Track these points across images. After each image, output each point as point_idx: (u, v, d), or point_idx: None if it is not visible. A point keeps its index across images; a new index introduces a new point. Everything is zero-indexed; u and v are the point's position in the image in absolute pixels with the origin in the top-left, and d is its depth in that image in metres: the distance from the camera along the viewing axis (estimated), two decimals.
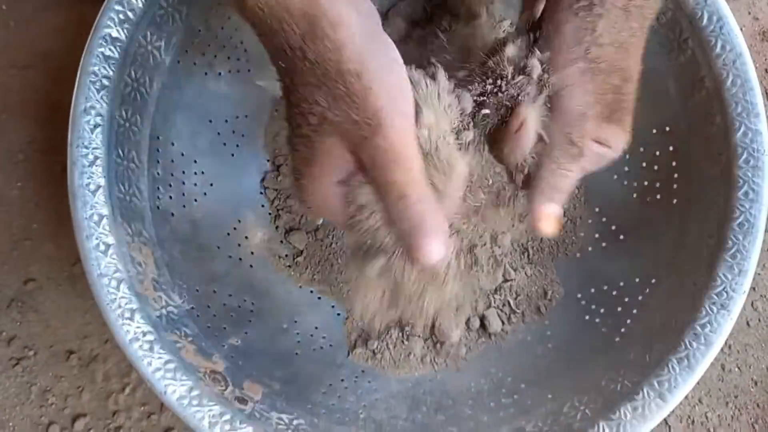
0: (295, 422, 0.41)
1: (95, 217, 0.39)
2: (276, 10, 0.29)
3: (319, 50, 0.29)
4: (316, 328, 0.49)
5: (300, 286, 0.51)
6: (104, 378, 0.51)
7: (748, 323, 0.54)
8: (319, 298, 0.51)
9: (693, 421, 0.52)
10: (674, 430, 0.52)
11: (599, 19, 0.32)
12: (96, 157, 0.40)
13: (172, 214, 0.45)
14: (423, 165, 0.30)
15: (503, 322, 0.49)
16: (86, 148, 0.40)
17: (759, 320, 0.54)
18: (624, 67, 0.33)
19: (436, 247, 0.30)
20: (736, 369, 0.53)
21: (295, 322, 0.49)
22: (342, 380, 0.46)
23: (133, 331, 0.38)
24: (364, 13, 0.30)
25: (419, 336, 0.48)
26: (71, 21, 0.56)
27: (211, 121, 0.49)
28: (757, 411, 0.53)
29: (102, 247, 0.39)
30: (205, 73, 0.47)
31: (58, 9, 0.56)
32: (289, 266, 0.50)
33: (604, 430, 0.39)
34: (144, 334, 0.39)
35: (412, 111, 0.31)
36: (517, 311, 0.50)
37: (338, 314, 0.50)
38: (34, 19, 0.56)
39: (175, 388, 0.38)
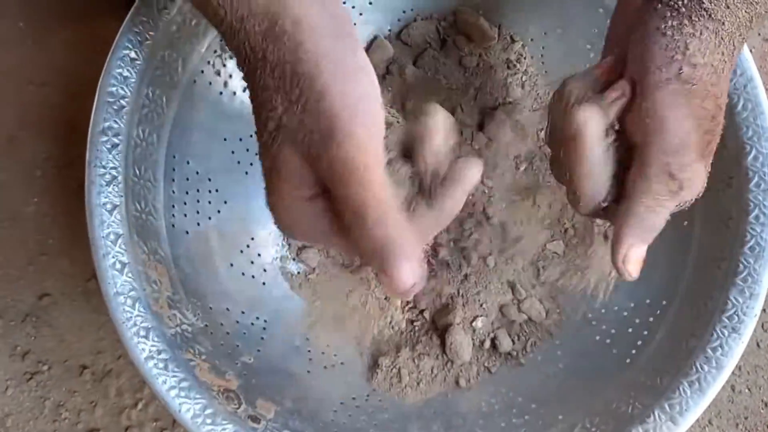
0: None
1: (112, 236, 0.40)
2: (237, 6, 0.28)
3: (278, 50, 0.27)
4: (328, 345, 0.49)
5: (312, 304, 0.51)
6: (117, 393, 0.51)
7: (758, 344, 0.54)
8: None
9: None
10: None
11: (691, 38, 0.29)
12: (113, 177, 0.41)
13: (187, 233, 0.46)
14: (388, 180, 0.28)
15: (513, 342, 0.49)
16: (104, 167, 0.41)
17: None
18: (717, 94, 0.30)
19: (404, 274, 0.27)
20: (747, 390, 0.53)
21: (307, 339, 0.49)
22: (353, 398, 0.47)
23: (148, 349, 0.39)
24: (335, 15, 0.28)
25: (430, 355, 0.49)
26: (87, 37, 0.57)
27: (225, 140, 0.49)
28: None
29: (118, 266, 0.40)
30: (220, 93, 0.48)
31: (73, 25, 0.57)
32: (301, 284, 0.51)
33: None
34: (159, 352, 0.39)
35: (376, 122, 0.27)
36: (527, 331, 0.50)
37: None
38: (50, 35, 0.57)
39: (189, 407, 0.38)
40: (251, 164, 0.51)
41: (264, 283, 0.50)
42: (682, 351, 0.42)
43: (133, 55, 0.41)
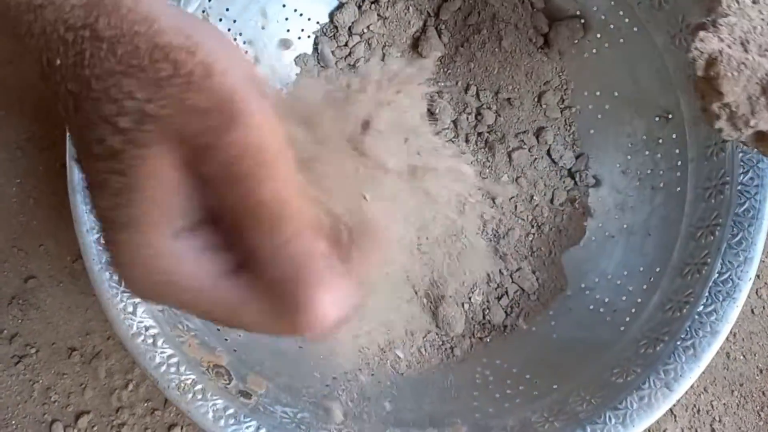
0: (299, 416, 0.41)
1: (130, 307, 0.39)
2: None
3: (119, 24, 0.20)
4: None
5: None
6: (107, 374, 0.51)
7: (752, 311, 0.53)
8: None
9: (698, 410, 0.52)
10: (680, 419, 0.52)
11: None
12: None
13: None
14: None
15: (507, 314, 0.49)
16: None
17: (764, 308, 0.54)
18: None
19: (329, 308, 0.19)
20: (741, 357, 0.53)
21: None
22: (345, 373, 0.46)
23: (135, 325, 0.38)
24: None
25: (422, 328, 0.48)
26: None
27: None
28: (762, 399, 0.52)
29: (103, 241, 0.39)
30: None
31: None
32: None
33: (610, 419, 0.39)
34: (146, 328, 0.38)
35: (273, 105, 0.21)
36: (521, 302, 0.49)
37: None
38: None
39: (178, 383, 0.38)
40: None
41: None
42: (676, 317, 0.41)
43: None
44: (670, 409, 0.51)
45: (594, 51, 0.50)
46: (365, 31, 0.52)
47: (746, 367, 0.53)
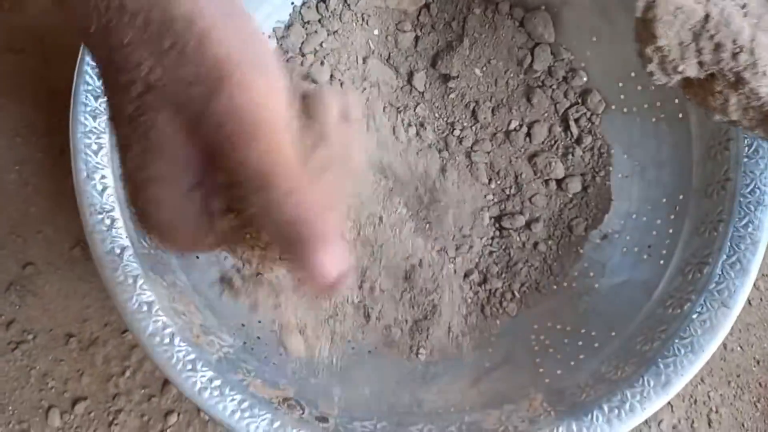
0: (379, 426, 0.40)
1: (144, 307, 0.38)
2: None
3: None
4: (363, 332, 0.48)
5: None
6: (104, 361, 0.51)
7: (749, 302, 0.53)
8: None
9: (695, 401, 0.52)
10: (677, 410, 0.52)
11: None
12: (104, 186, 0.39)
13: (197, 257, 0.44)
14: (297, 140, 0.22)
15: (519, 305, 0.49)
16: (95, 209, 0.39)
17: (761, 299, 0.54)
18: None
19: (332, 258, 0.21)
20: (738, 348, 0.53)
21: None
22: (408, 373, 0.46)
23: (198, 380, 0.37)
24: None
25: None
26: None
27: None
28: (759, 390, 0.52)
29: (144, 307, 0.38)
30: None
31: None
32: None
33: (679, 350, 0.39)
34: (210, 380, 0.37)
35: (272, 66, 0.22)
36: (517, 295, 0.49)
37: None
38: (28, 1, 0.56)
39: (257, 425, 0.37)
40: None
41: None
42: (677, 315, 0.41)
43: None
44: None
45: None
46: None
47: (743, 359, 0.53)
